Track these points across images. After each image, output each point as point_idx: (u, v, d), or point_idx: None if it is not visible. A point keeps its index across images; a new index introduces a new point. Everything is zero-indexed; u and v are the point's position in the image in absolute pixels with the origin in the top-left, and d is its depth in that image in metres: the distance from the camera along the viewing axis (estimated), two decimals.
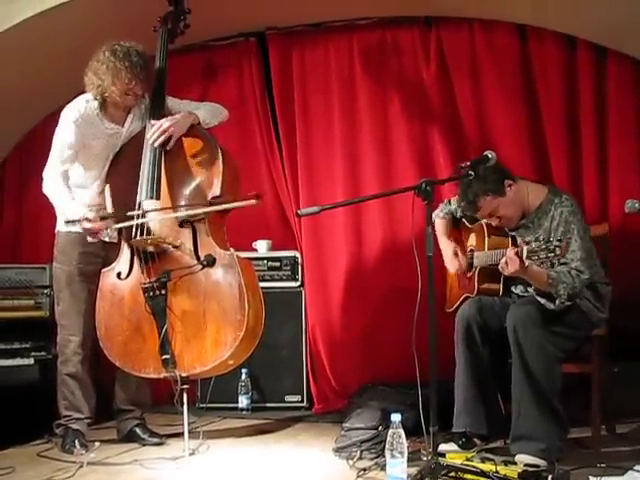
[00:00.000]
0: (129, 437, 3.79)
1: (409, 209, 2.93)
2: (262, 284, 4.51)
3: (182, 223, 3.56)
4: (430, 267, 2.84)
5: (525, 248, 2.94)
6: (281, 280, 4.71)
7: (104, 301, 3.61)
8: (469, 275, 3.61)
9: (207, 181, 3.59)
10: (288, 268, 4.71)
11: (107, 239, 3.68)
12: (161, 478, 3.13)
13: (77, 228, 3.63)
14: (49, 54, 4.35)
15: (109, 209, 3.60)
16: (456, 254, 3.68)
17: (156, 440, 3.75)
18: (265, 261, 4.71)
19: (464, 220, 3.74)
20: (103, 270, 3.65)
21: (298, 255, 4.75)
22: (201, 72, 5.08)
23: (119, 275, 3.61)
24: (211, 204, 3.55)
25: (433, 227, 3.07)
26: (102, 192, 3.67)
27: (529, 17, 4.37)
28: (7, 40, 4.21)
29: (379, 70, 4.72)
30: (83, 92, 3.64)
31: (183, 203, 3.59)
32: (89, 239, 3.58)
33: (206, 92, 5.05)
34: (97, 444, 3.57)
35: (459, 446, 3.31)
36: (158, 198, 3.55)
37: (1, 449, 3.64)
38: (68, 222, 3.58)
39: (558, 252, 2.84)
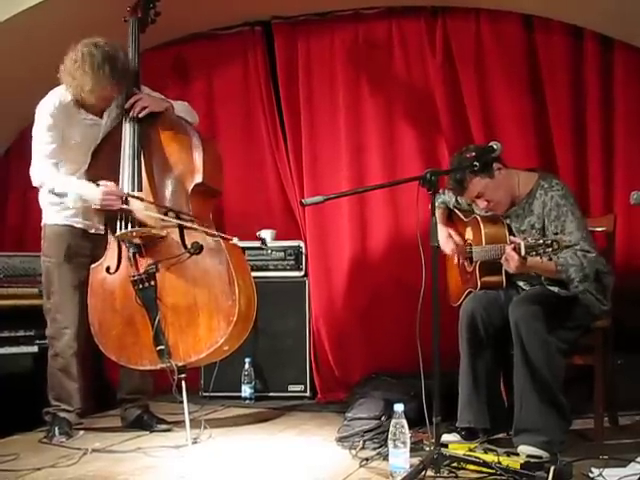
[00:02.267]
0: (135, 424, 3.80)
1: (413, 200, 2.91)
2: (266, 274, 4.62)
3: (167, 213, 3.53)
4: (434, 257, 2.84)
5: (522, 244, 2.93)
6: (285, 270, 4.71)
7: (96, 297, 3.59)
8: (470, 270, 3.59)
9: (188, 169, 3.57)
10: (292, 258, 4.71)
11: (93, 230, 3.67)
12: (164, 466, 3.13)
13: (65, 220, 3.61)
14: (50, 41, 4.33)
15: None
16: (450, 236, 3.66)
17: (164, 427, 3.76)
18: (269, 251, 4.72)
19: (458, 212, 3.72)
20: (92, 266, 3.62)
21: (302, 245, 4.74)
22: (206, 61, 5.05)
23: (108, 269, 3.58)
24: (194, 190, 3.53)
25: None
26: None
27: (536, 7, 4.34)
28: (10, 27, 4.20)
29: (385, 60, 4.70)
30: None
31: (166, 193, 3.58)
32: (109, 207, 3.48)
33: (211, 81, 5.05)
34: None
35: (462, 437, 3.30)
36: (140, 190, 3.54)
37: (5, 436, 3.65)
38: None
39: (556, 246, 2.84)
